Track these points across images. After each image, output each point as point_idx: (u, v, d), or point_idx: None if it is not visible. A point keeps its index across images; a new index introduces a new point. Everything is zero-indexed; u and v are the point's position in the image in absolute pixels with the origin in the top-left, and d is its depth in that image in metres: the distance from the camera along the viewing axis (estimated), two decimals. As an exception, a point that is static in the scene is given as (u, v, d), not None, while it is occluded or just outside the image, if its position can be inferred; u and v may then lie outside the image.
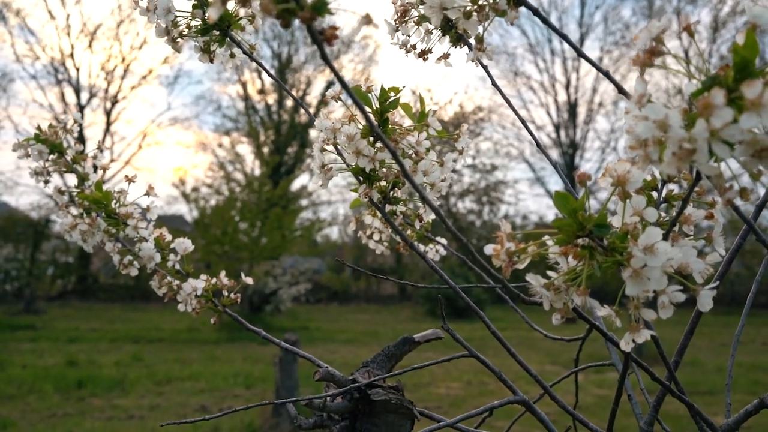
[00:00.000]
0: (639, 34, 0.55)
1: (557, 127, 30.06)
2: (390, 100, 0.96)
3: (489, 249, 0.58)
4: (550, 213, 30.13)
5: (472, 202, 29.94)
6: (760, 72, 0.46)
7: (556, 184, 30.75)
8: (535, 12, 0.75)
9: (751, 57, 0.46)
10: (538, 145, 1.29)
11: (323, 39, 0.46)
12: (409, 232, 1.22)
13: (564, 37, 0.79)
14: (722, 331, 13.95)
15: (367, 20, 0.50)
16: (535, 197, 43.61)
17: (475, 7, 0.73)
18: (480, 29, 0.76)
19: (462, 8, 0.73)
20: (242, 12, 1.17)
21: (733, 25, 26.21)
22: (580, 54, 0.79)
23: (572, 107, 29.85)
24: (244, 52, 1.21)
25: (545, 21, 0.78)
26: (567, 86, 29.77)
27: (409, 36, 1.00)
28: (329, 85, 28.12)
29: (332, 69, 0.49)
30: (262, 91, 28.16)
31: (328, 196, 26.65)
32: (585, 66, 30.04)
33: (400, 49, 1.02)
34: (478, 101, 35.34)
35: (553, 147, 29.91)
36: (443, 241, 1.29)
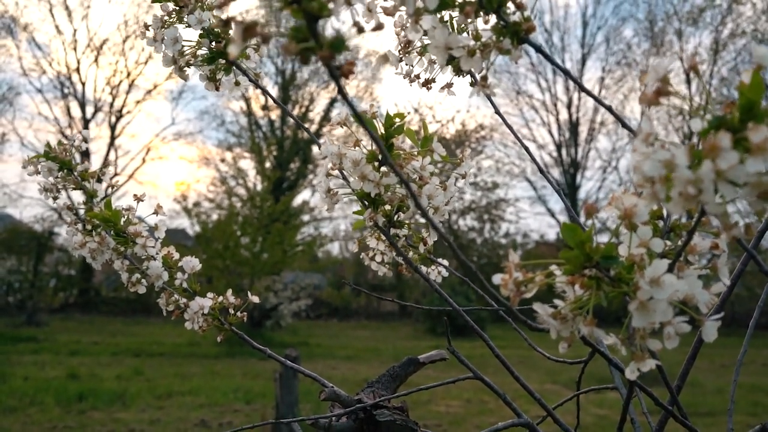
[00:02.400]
0: (646, 76, 0.56)
1: (559, 146, 30.06)
2: (395, 125, 0.97)
3: (497, 279, 0.59)
4: (551, 231, 30.14)
5: (474, 220, 29.91)
6: (765, 113, 0.47)
7: (557, 203, 30.71)
8: (539, 50, 0.76)
9: (756, 98, 0.48)
10: (542, 171, 1.30)
11: (341, 74, 0.47)
12: (411, 254, 1.23)
13: (567, 74, 0.81)
14: (723, 352, 13.91)
15: (385, 60, 0.52)
16: (536, 215, 43.52)
17: (479, 45, 0.74)
18: (483, 67, 0.77)
19: (466, 47, 0.74)
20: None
21: (733, 47, 26.28)
22: (584, 90, 0.81)
23: (574, 126, 29.85)
24: (250, 80, 1.22)
25: (548, 58, 0.79)
26: (569, 105, 29.78)
27: (412, 66, 1.02)
28: (332, 101, 28.22)
29: (349, 103, 0.50)
30: (265, 107, 28.21)
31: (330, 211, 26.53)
32: (587, 85, 30.00)
33: (404, 78, 1.04)
34: (480, 119, 35.27)
35: (555, 166, 29.90)
36: (445, 262, 1.30)
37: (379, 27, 0.52)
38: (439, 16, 0.76)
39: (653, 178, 0.50)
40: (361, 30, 0.48)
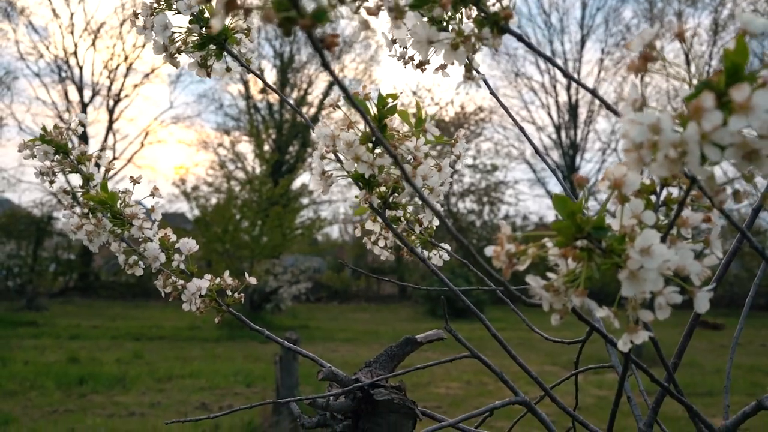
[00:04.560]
0: (633, 41, 0.56)
1: (558, 128, 30.06)
2: (388, 106, 0.97)
3: (489, 251, 0.59)
4: (550, 214, 30.07)
5: (473, 203, 29.94)
6: (749, 76, 0.48)
7: (556, 185, 30.52)
8: (520, 38, 0.76)
9: (742, 62, 0.48)
10: (538, 152, 1.30)
11: (323, 46, 0.47)
12: (412, 237, 1.23)
13: (549, 60, 0.81)
14: (722, 332, 13.93)
15: (365, 26, 0.51)
16: (535, 198, 43.40)
17: (461, 39, 0.74)
18: (465, 59, 0.77)
19: (448, 40, 0.75)
20: (238, 24, 1.19)
21: (733, 28, 26.23)
22: (566, 75, 0.81)
23: (573, 108, 29.84)
24: (242, 65, 1.22)
25: (530, 46, 0.79)
26: (568, 87, 29.74)
27: (406, 48, 1.02)
28: (331, 84, 28.13)
29: (332, 75, 0.50)
30: (263, 91, 28.15)
31: (329, 195, 26.58)
32: (586, 67, 30.04)
33: (398, 60, 1.04)
34: (479, 101, 35.13)
35: (554, 148, 29.91)
36: (447, 246, 1.30)
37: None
38: (421, 12, 0.77)
39: (641, 143, 0.50)
40: (343, 0, 0.48)
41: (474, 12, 0.74)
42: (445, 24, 0.80)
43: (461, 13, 0.76)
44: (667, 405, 1.08)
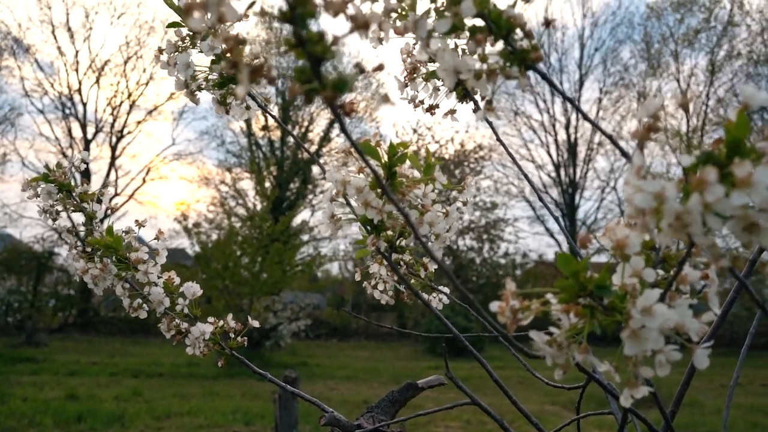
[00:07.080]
0: (638, 110, 0.58)
1: (557, 167, 30.09)
2: (398, 155, 0.99)
3: (494, 306, 0.61)
4: (550, 251, 30.08)
5: (472, 240, 29.90)
6: (750, 150, 0.49)
7: (555, 223, 30.59)
8: (545, 77, 0.78)
9: (742, 136, 0.50)
10: (541, 199, 1.32)
11: (343, 112, 0.49)
12: (412, 280, 1.24)
13: (572, 103, 0.83)
14: (722, 372, 13.83)
15: (386, 99, 0.53)
16: (534, 235, 43.32)
17: (486, 69, 0.75)
18: (489, 90, 0.78)
19: (473, 70, 0.75)
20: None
21: (729, 69, 26.45)
22: (587, 119, 0.83)
23: (572, 147, 29.91)
24: (259, 105, 1.24)
25: (553, 86, 0.81)
26: (567, 126, 29.83)
27: (417, 92, 1.04)
28: (332, 122, 28.25)
29: (351, 141, 0.52)
30: (265, 128, 28.29)
31: (329, 231, 26.52)
32: (584, 106, 30.12)
33: (409, 103, 1.06)
34: (478, 140, 35.15)
35: (554, 186, 29.93)
36: (446, 290, 1.31)
37: (379, 68, 0.54)
38: (448, 40, 0.78)
39: (644, 209, 0.52)
40: (362, 70, 0.50)
41: (500, 44, 0.74)
42: (467, 53, 0.80)
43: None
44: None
